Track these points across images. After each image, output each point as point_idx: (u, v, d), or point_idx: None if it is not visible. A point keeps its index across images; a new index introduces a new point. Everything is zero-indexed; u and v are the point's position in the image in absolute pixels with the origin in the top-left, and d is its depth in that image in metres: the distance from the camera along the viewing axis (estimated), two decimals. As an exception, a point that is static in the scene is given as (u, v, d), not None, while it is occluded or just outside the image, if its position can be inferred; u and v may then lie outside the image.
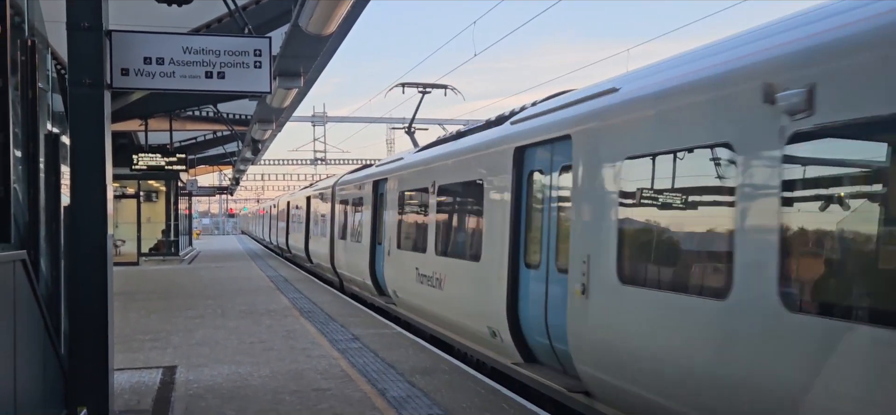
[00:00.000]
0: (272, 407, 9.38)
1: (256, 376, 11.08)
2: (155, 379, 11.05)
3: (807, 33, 5.93)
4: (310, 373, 11.27)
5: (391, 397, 9.82)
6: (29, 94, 7.64)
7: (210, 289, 24.38)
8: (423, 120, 52.39)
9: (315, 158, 63.19)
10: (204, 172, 59.31)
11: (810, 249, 5.85)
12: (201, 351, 13.20)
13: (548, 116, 10.08)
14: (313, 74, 18.68)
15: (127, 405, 9.59)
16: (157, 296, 22.31)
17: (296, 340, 14.21)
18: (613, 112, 8.34)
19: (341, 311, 18.43)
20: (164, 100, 22.09)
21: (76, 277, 8.57)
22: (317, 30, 13.09)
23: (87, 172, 8.41)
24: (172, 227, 41.74)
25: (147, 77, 8.56)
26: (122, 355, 12.42)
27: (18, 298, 6.61)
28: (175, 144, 30.20)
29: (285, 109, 23.26)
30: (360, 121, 54.08)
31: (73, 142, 8.45)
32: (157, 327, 16.00)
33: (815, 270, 5.82)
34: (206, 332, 15.31)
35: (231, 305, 19.74)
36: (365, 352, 12.90)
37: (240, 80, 8.76)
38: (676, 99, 7.28)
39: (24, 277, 6.84)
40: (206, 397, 9.95)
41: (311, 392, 10.10)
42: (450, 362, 11.95)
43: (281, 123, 27.57)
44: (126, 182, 36.18)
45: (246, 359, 12.41)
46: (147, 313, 18.35)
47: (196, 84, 8.70)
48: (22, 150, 7.55)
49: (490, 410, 9.15)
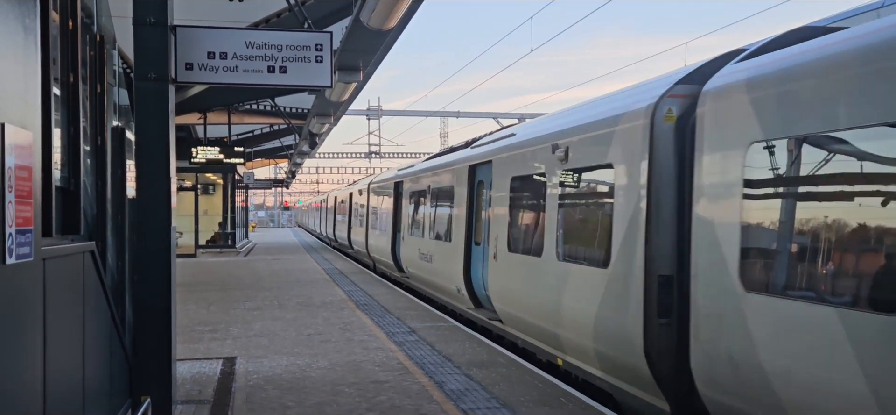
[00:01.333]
0: (331, 399, 9.47)
1: (315, 368, 11.19)
2: (215, 370, 11.21)
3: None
4: (367, 365, 11.35)
5: (449, 389, 9.85)
6: (97, 89, 7.79)
7: (266, 281, 24.65)
8: (475, 114, 52.50)
9: (369, 152, 63.51)
10: (260, 165, 59.98)
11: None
12: (260, 342, 13.36)
13: (487, 146, 15.35)
14: (371, 68, 18.79)
15: (188, 395, 9.74)
16: (215, 287, 22.62)
17: (353, 332, 14.32)
18: (506, 149, 13.91)
19: (397, 304, 18.52)
20: (224, 94, 22.38)
21: (141, 268, 8.72)
22: (378, 24, 13.17)
23: (151, 165, 8.55)
24: (229, 219, 42.26)
25: (210, 71, 8.67)
26: (183, 345, 12.62)
27: (87, 288, 6.76)
28: (233, 137, 30.57)
29: (343, 103, 23.42)
30: (414, 115, 54.20)
31: (139, 135, 8.59)
32: (216, 319, 16.22)
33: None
34: (264, 323, 15.50)
35: (288, 297, 19.94)
36: (421, 345, 12.96)
37: (301, 74, 8.83)
38: (527, 146, 12.69)
39: (93, 267, 6.98)
40: (266, 388, 10.07)
41: (369, 384, 10.17)
42: (507, 356, 11.95)
43: (338, 117, 27.75)
44: (184, 175, 36.72)
45: (304, 351, 12.54)
46: (206, 304, 18.62)
47: (258, 78, 8.79)
48: (90, 144, 7.71)
49: (548, 403, 9.13)
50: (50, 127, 5.36)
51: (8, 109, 3.46)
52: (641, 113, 8.82)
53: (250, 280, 24.95)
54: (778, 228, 6.78)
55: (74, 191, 6.91)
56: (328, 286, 22.86)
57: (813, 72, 6.44)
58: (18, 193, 3.53)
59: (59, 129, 6.77)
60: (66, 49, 6.79)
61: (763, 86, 7.00)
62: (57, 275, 5.51)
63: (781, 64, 6.89)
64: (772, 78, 6.92)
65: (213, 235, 41.66)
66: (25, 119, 3.71)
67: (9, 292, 3.50)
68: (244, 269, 29.85)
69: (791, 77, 6.66)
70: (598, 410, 8.91)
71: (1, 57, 3.47)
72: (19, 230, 3.54)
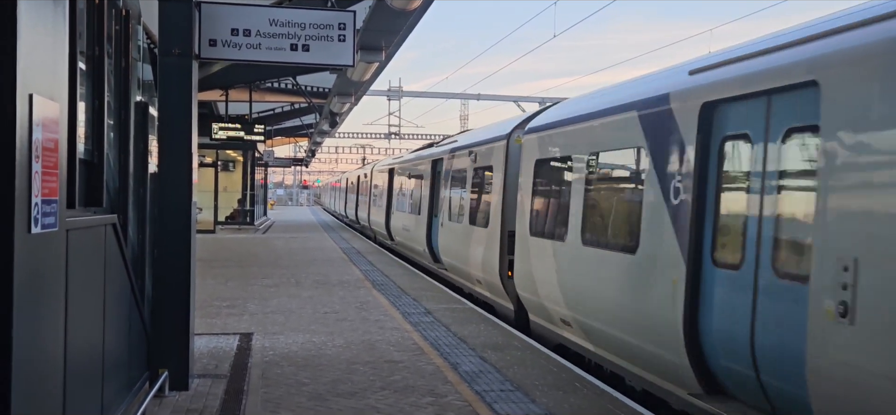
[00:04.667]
0: (346, 377, 9.53)
1: (331, 346, 11.26)
2: (232, 345, 11.30)
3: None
4: (382, 345, 11.41)
5: (463, 371, 9.90)
6: (122, 64, 7.86)
7: (284, 259, 24.77)
8: (497, 96, 52.41)
9: (389, 132, 63.54)
10: (280, 143, 60.13)
11: None
12: (276, 319, 13.46)
13: (448, 146, 21.16)
14: (393, 49, 18.82)
15: (205, 369, 9.83)
16: (234, 264, 22.76)
17: (369, 311, 14.39)
18: (451, 153, 20.03)
19: (412, 284, 18.58)
20: (245, 71, 22.44)
21: (161, 242, 8.81)
22: (402, 5, 13.21)
23: (174, 140, 8.63)
24: (248, 196, 42.43)
25: (234, 48, 8.73)
26: (201, 320, 12.72)
27: (109, 260, 6.83)
28: (253, 115, 30.66)
29: (365, 83, 23.47)
30: (435, 96, 54.18)
31: (161, 110, 8.66)
32: (233, 295, 16.34)
33: None
34: (280, 300, 15.59)
35: (304, 275, 20.05)
36: (437, 326, 13.01)
37: (324, 53, 8.87)
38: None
39: (115, 240, 7.06)
40: (282, 364, 10.15)
41: (383, 364, 10.23)
42: (522, 339, 11.99)
43: (358, 97, 27.81)
44: (204, 151, 36.86)
45: (320, 329, 12.62)
46: (224, 280, 18.74)
47: (281, 56, 8.84)
48: (114, 118, 7.77)
49: (563, 388, 9.16)
50: (75, 99, 5.42)
51: (36, 81, 3.51)
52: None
53: (268, 257, 25.08)
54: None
55: (98, 164, 6.99)
56: (345, 265, 22.96)
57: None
58: (45, 164, 3.59)
59: (84, 102, 6.84)
60: (93, 23, 6.85)
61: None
62: (79, 246, 5.58)
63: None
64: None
65: (232, 212, 41.82)
66: (53, 90, 3.76)
67: (33, 262, 3.56)
68: (262, 246, 30.00)
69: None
70: (612, 395, 8.93)
71: (31, 28, 3.52)
72: (45, 200, 3.60)
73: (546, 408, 8.39)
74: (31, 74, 3.46)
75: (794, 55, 6.80)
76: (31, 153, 3.44)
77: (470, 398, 8.71)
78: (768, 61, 7.10)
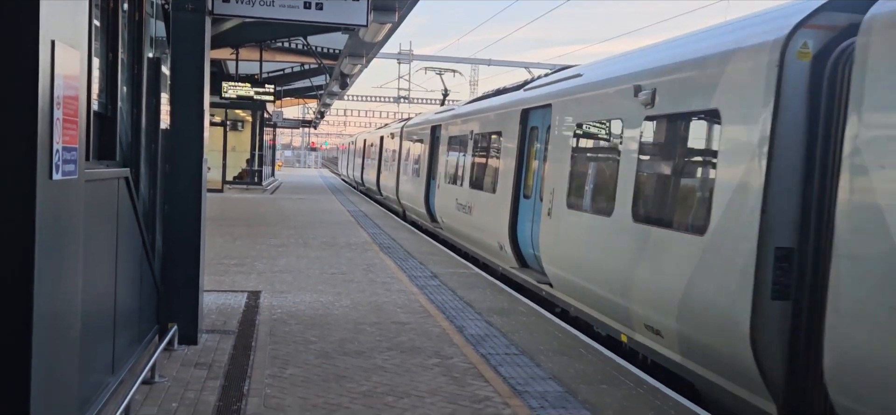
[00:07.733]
0: (353, 336, 9.61)
1: (338, 306, 11.34)
2: (240, 302, 11.38)
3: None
4: (389, 306, 11.48)
5: (469, 334, 9.97)
6: (135, 18, 7.87)
7: (292, 219, 24.84)
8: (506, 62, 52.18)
9: (399, 96, 63.46)
10: (289, 104, 60.03)
11: None
12: (284, 278, 13.54)
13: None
14: (406, 10, 18.74)
15: (214, 325, 9.91)
16: (242, 223, 22.84)
17: (375, 274, 14.46)
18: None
19: (419, 248, 18.64)
20: (257, 29, 22.40)
21: (172, 197, 8.86)
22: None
23: (186, 96, 8.66)
24: (257, 157, 42.47)
25: (247, 4, 8.74)
26: (210, 277, 12.80)
27: (121, 213, 6.89)
28: (264, 74, 30.62)
29: (376, 44, 23.41)
30: (445, 60, 53.99)
31: (174, 65, 8.68)
32: (242, 253, 16.42)
33: None
34: (288, 260, 15.67)
35: (312, 236, 20.12)
36: (443, 290, 13.08)
37: (338, 12, 8.87)
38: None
39: (127, 194, 7.11)
40: (289, 322, 10.23)
41: (390, 325, 10.30)
42: (527, 305, 12.06)
43: (369, 58, 27.75)
44: (214, 110, 36.81)
45: (328, 288, 12.69)
46: (232, 238, 18.82)
47: (294, 14, 8.84)
48: (127, 72, 7.80)
49: (567, 354, 9.23)
50: (90, 52, 5.44)
51: (58, 28, 3.54)
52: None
53: (276, 218, 25.16)
54: None
55: (111, 117, 7.02)
56: (353, 228, 23.02)
57: None
58: (66, 112, 3.62)
59: (98, 56, 6.87)
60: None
61: None
62: (94, 198, 5.63)
63: None
64: None
65: (240, 172, 41.90)
66: (75, 39, 3.79)
67: (54, 208, 3.60)
68: (270, 206, 30.07)
69: None
70: (616, 362, 8.99)
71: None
72: (66, 147, 3.64)
73: (550, 372, 8.46)
74: (53, 21, 3.48)
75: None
76: (52, 100, 3.47)
77: (475, 360, 8.78)
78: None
